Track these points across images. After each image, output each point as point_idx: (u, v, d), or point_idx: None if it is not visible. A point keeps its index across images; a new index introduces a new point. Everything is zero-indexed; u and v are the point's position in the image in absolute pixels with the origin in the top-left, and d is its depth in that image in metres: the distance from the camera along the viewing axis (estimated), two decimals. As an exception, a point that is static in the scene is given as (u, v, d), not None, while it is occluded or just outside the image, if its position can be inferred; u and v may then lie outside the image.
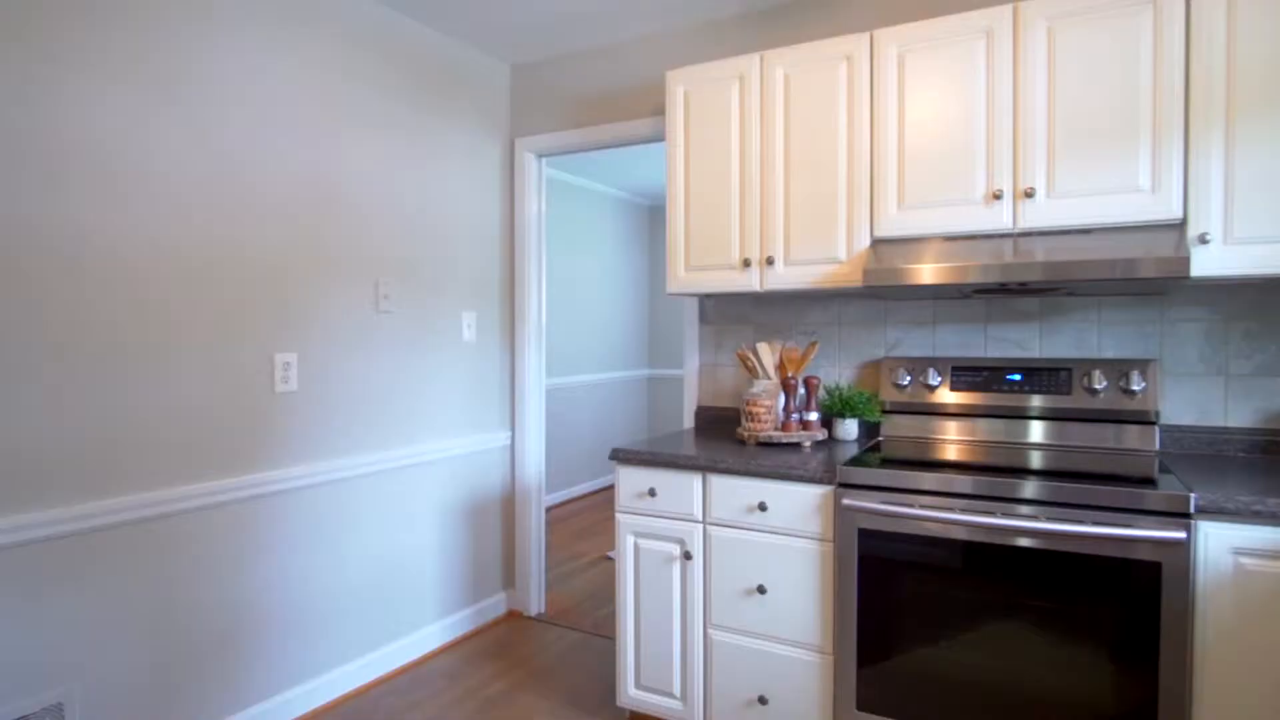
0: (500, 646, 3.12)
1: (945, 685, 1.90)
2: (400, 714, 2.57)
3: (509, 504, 3.48)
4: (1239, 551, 1.64)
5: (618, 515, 2.39)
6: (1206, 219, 1.89)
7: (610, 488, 6.28)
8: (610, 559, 4.34)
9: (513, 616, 3.44)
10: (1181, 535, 1.64)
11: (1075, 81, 2.01)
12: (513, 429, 3.47)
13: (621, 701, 2.40)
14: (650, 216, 6.99)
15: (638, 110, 3.10)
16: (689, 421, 3.02)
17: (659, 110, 3.04)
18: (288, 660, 2.48)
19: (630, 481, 2.37)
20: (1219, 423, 2.18)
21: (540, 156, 3.41)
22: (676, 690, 2.31)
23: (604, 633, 3.26)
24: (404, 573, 2.93)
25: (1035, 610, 1.80)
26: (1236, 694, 1.65)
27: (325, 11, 2.57)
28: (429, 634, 3.03)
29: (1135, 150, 1.95)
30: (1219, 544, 1.65)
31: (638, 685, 2.38)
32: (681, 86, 2.57)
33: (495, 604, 3.40)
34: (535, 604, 3.47)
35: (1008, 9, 2.08)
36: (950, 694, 1.89)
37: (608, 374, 6.33)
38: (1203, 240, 1.88)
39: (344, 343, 2.66)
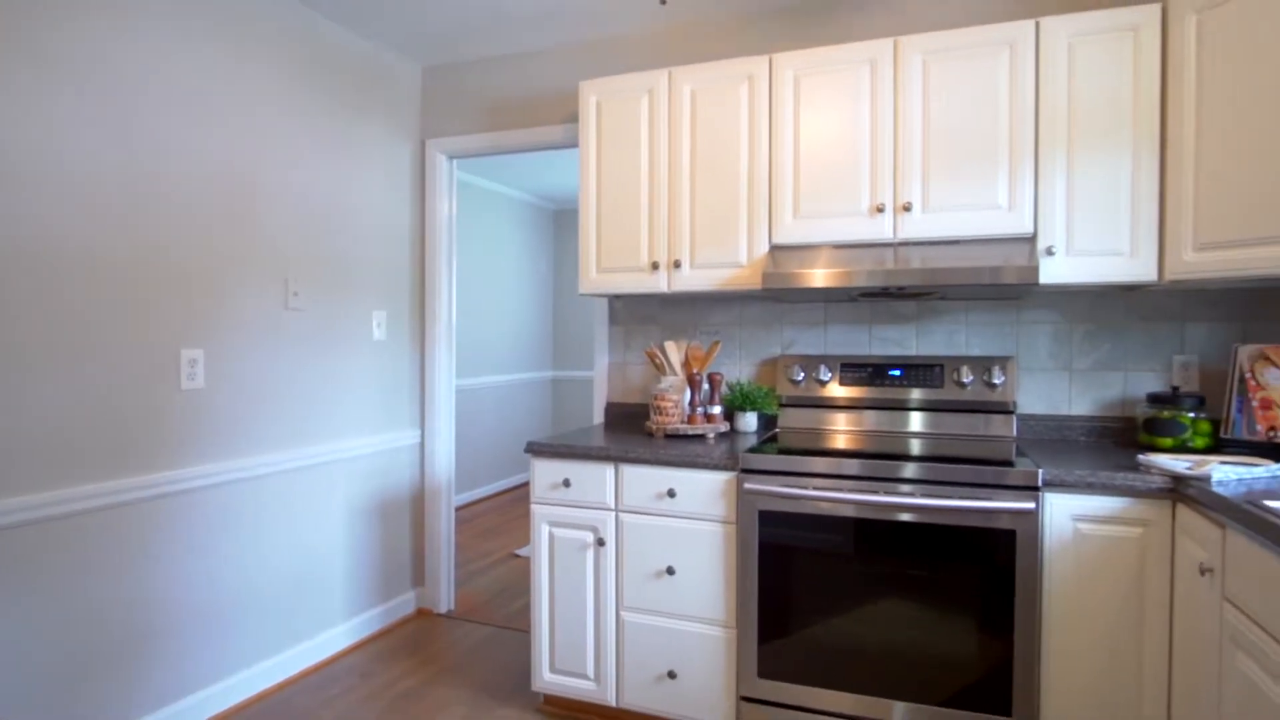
0: (412, 643, 3.13)
1: (838, 650, 2.10)
2: (314, 711, 2.55)
3: (418, 502, 3.49)
4: (1077, 517, 1.91)
5: (533, 506, 2.48)
6: (1052, 233, 2.18)
7: (515, 488, 6.31)
8: (518, 556, 4.40)
9: (423, 614, 3.45)
10: (1031, 505, 1.90)
11: (946, 109, 2.27)
12: (422, 428, 3.48)
13: (536, 686, 2.49)
14: (555, 221, 7.08)
15: (550, 117, 3.20)
16: (599, 417, 3.14)
17: (571, 118, 3.16)
18: (196, 662, 2.43)
19: (545, 473, 2.46)
20: (1064, 411, 2.50)
21: (452, 158, 3.45)
22: (590, 671, 2.42)
23: (515, 626, 3.33)
24: (314, 572, 2.90)
25: (914, 579, 2.03)
26: (1075, 637, 1.92)
27: (237, 4, 2.54)
28: (339, 633, 3.01)
29: (995, 172, 2.23)
30: (1061, 512, 1.92)
31: (552, 669, 2.48)
32: (594, 97, 2.70)
33: (405, 602, 3.40)
34: (445, 601, 3.49)
35: (889, 42, 2.32)
36: (842, 658, 2.09)
37: (512, 375, 6.36)
38: (1049, 252, 2.17)
39: (253, 340, 2.62)
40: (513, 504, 5.78)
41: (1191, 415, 2.16)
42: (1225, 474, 1.73)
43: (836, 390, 2.67)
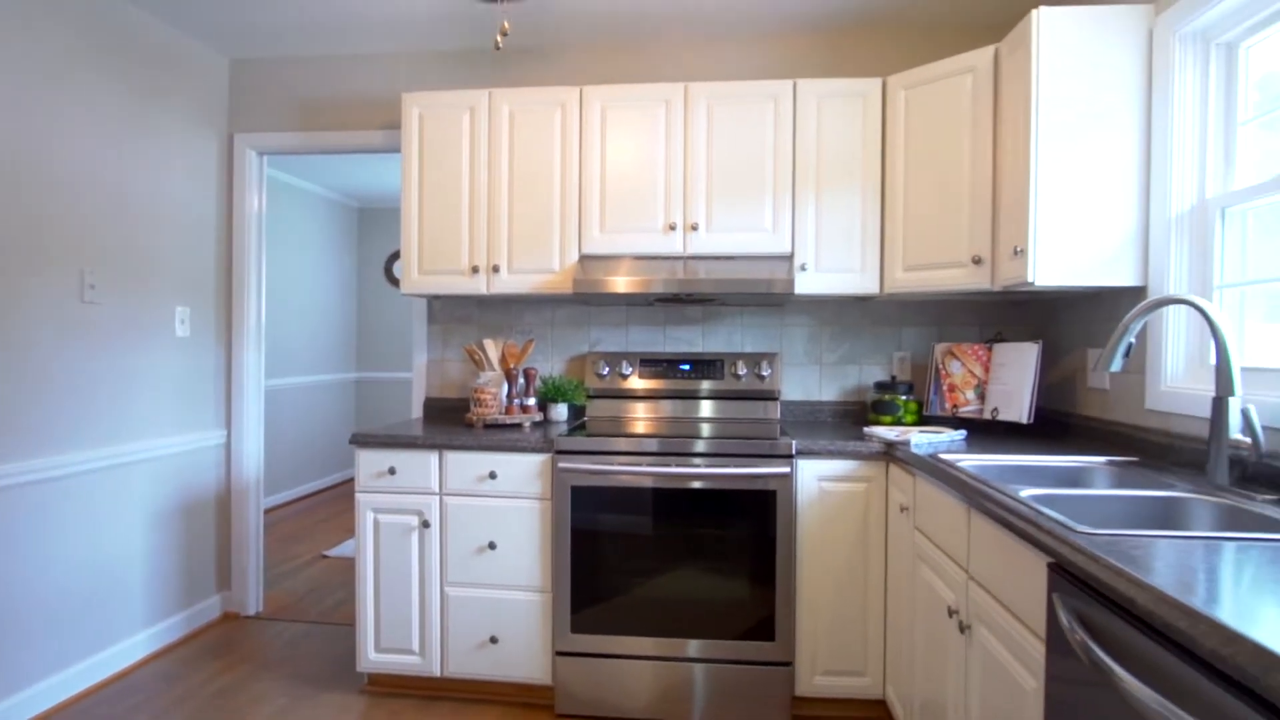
0: (220, 646, 3.09)
1: (640, 603, 2.46)
2: (120, 718, 2.48)
3: (224, 503, 3.41)
4: (821, 478, 2.43)
5: (358, 495, 2.61)
6: (805, 253, 2.71)
7: (319, 492, 6.14)
8: (327, 557, 4.37)
9: (229, 618, 3.38)
10: (787, 470, 2.38)
11: (726, 146, 2.73)
12: (229, 427, 3.41)
13: (362, 666, 2.62)
14: (360, 219, 6.95)
15: (369, 121, 3.30)
16: (418, 411, 3.29)
17: (390, 124, 3.28)
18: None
19: (371, 462, 2.60)
20: (816, 397, 3.07)
21: (262, 154, 3.43)
22: (415, 646, 2.59)
23: (330, 621, 3.37)
24: (111, 578, 2.78)
25: (701, 537, 2.44)
26: (820, 570, 2.43)
27: (24, -18, 2.42)
28: (139, 641, 2.90)
29: (762, 201, 2.72)
30: (809, 474, 2.43)
31: (377, 649, 2.62)
32: (417, 109, 2.87)
33: (210, 607, 3.32)
34: (253, 603, 3.45)
35: (681, 86, 2.74)
36: (644, 609, 2.46)
37: (314, 377, 6.18)
38: (802, 268, 2.69)
39: (45, 334, 2.50)
40: (318, 507, 5.64)
41: (904, 398, 2.79)
42: (921, 440, 2.31)
43: (636, 383, 3.05)
